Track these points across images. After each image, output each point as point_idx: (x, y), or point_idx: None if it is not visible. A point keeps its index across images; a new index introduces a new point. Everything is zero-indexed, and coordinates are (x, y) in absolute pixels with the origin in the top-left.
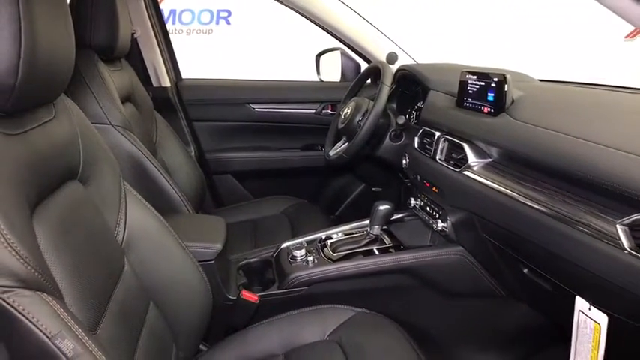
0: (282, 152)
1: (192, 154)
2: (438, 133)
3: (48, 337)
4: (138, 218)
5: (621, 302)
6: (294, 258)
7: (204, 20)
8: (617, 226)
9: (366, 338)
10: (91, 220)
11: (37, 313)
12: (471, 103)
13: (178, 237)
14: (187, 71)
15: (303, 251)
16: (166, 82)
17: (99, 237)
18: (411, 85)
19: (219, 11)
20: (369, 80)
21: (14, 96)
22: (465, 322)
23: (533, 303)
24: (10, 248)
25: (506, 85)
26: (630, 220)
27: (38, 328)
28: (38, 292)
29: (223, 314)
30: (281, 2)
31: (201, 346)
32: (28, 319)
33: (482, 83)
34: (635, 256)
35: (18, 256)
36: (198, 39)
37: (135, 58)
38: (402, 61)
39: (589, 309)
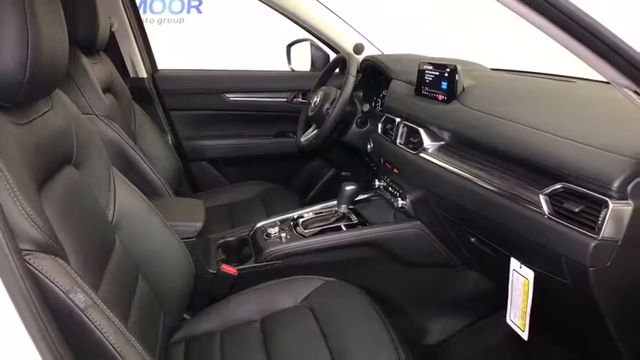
0: (255, 139)
1: (170, 142)
2: (398, 119)
3: (63, 292)
4: (126, 200)
5: (543, 260)
6: (268, 235)
7: (175, 9)
8: (540, 195)
9: (334, 304)
10: (86, 200)
11: (54, 273)
12: (428, 91)
13: (162, 217)
14: (160, 61)
15: (276, 229)
16: (143, 74)
17: (94, 215)
18: (375, 74)
19: (190, 0)
20: (337, 70)
21: (23, 90)
22: (423, 289)
23: (482, 269)
24: (29, 219)
25: (457, 75)
26: (549, 190)
27: (55, 285)
28: (52, 256)
29: (205, 286)
30: None
31: (185, 315)
32: (47, 277)
33: (437, 73)
34: (554, 220)
35: (35, 226)
36: (169, 28)
37: (112, 50)
38: (369, 51)
39: (520, 267)
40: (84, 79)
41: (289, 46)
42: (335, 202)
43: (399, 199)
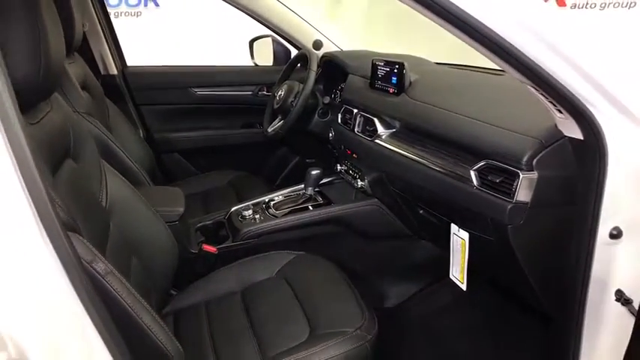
0: (223, 130)
1: (141, 135)
2: (355, 110)
3: (87, 262)
4: (116, 188)
5: (474, 222)
6: (243, 217)
7: (132, 2)
8: (470, 171)
9: (305, 273)
10: (85, 189)
11: (78, 247)
12: (380, 85)
13: (148, 204)
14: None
15: (250, 211)
16: (114, 70)
17: (92, 202)
18: (333, 69)
19: None
20: (298, 65)
21: (38, 92)
22: (382, 259)
23: (430, 237)
24: (56, 203)
25: (404, 71)
26: (477, 166)
27: (81, 257)
28: (74, 232)
29: (189, 265)
30: None
31: (172, 292)
32: (74, 249)
33: (388, 69)
34: (481, 190)
35: (59, 207)
36: (126, 21)
37: (84, 49)
38: (327, 47)
39: (458, 231)
40: (65, 79)
41: (252, 41)
42: (302, 186)
43: (359, 180)
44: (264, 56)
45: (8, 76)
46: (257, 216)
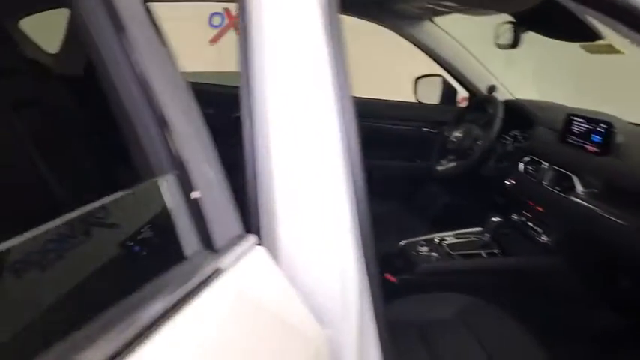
0: (383, 161)
1: None
2: (545, 163)
3: None
4: None
5: None
6: (418, 252)
7: None
8: None
9: (487, 322)
10: None
11: None
12: (575, 141)
13: None
14: None
15: (426, 248)
16: None
17: None
18: (514, 116)
19: None
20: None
21: None
22: (559, 321)
23: (618, 306)
24: None
25: (614, 131)
26: None
27: None
28: None
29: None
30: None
31: None
32: None
33: (590, 126)
34: None
35: None
36: None
37: None
38: (500, 93)
39: None
40: None
41: (418, 78)
42: (475, 230)
43: (543, 235)
44: (429, 94)
45: None
46: (434, 254)
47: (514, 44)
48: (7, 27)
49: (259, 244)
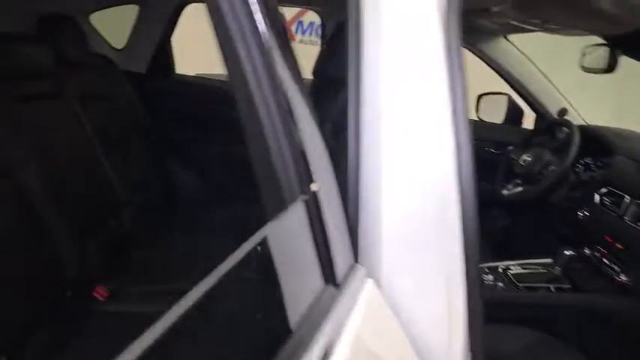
0: None
1: None
2: (627, 197)
3: None
4: None
5: None
6: (483, 281)
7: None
8: None
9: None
10: None
11: None
12: None
13: None
14: None
15: (491, 277)
16: None
17: None
18: (589, 143)
19: None
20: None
21: None
22: None
23: None
24: None
25: None
26: None
27: None
28: None
29: None
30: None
31: None
32: None
33: None
34: None
35: None
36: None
37: None
38: (571, 117)
39: None
40: None
41: (481, 96)
42: (543, 261)
43: (622, 274)
44: (491, 112)
45: None
46: (499, 284)
47: (610, 68)
48: (79, 21)
49: (369, 277)
